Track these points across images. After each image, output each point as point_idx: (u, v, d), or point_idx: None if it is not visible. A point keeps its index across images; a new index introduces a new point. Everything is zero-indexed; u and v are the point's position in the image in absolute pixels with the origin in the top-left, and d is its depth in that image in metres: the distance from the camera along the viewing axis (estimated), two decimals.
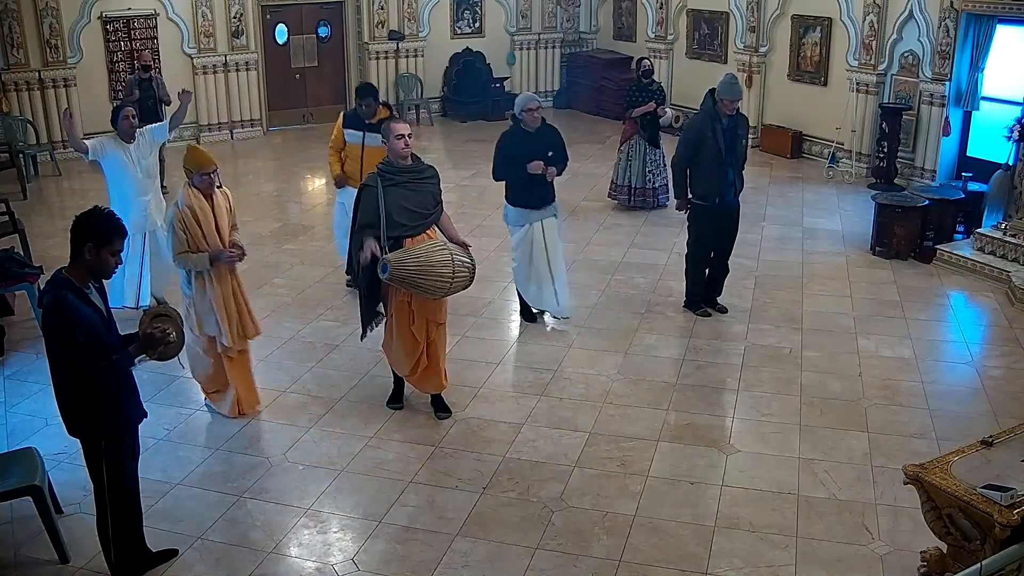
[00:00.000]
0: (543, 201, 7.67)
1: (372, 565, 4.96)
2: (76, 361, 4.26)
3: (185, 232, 5.97)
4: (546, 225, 7.72)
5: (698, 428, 6.30)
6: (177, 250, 6.03)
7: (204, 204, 6.04)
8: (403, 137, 6.00)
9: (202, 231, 6.00)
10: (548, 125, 7.69)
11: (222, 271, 6.15)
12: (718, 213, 7.78)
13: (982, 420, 6.29)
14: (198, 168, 6.04)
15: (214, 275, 6.13)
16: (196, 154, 6.13)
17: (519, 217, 7.70)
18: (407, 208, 6.01)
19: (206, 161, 6.07)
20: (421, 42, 16.19)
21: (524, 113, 7.48)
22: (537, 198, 7.62)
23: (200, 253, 6.00)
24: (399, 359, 6.31)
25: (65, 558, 4.95)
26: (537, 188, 7.56)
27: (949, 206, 9.74)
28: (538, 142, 7.51)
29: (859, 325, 7.90)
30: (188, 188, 6.03)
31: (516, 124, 7.63)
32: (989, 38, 10.79)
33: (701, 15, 15.09)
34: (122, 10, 13.81)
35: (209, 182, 6.05)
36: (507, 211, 7.80)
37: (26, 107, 13.25)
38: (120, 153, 7.65)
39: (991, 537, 4.01)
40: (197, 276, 6.13)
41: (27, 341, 7.55)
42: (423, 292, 5.98)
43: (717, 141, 7.55)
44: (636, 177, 10.87)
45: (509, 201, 7.72)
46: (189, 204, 5.99)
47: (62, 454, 5.77)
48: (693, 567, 4.93)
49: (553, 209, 7.78)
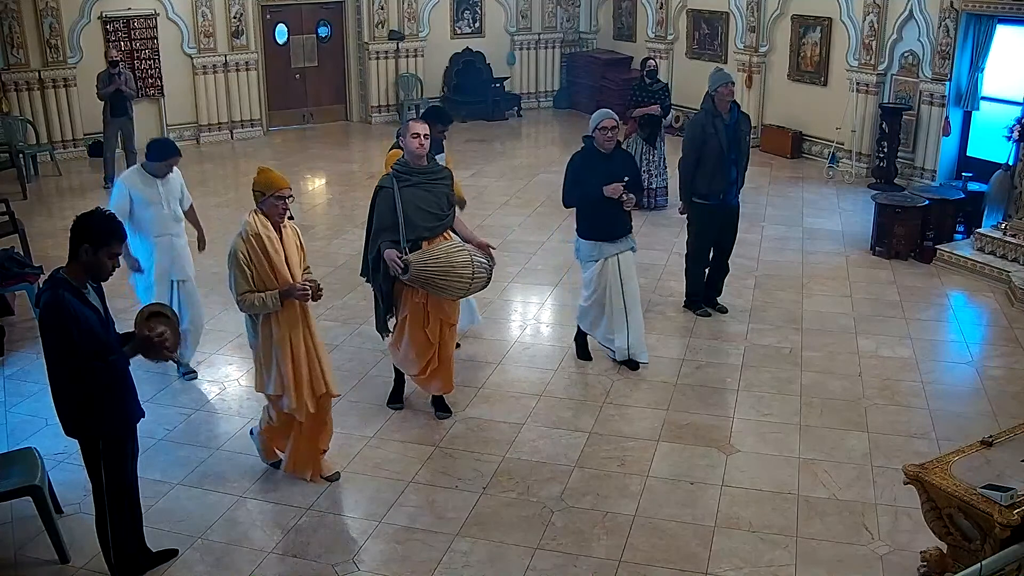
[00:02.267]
0: (618, 232, 6.82)
1: (372, 565, 4.96)
2: (73, 361, 4.25)
3: (250, 267, 5.12)
4: (622, 261, 6.85)
5: (698, 428, 6.30)
6: (241, 289, 5.13)
7: (273, 234, 5.18)
8: (419, 136, 5.95)
9: (270, 265, 5.13)
10: (623, 149, 7.09)
11: (294, 315, 5.28)
12: (719, 212, 7.78)
13: (982, 420, 6.29)
14: (271, 188, 5.16)
15: (283, 319, 5.24)
16: (268, 174, 5.24)
17: (594, 250, 6.83)
18: (423, 209, 5.98)
19: (280, 181, 5.20)
20: (421, 42, 16.19)
21: (598, 132, 6.66)
22: (612, 228, 6.77)
23: (269, 291, 5.13)
24: (409, 360, 6.26)
25: (65, 558, 4.95)
26: (612, 217, 6.72)
27: (949, 206, 9.73)
28: (613, 166, 6.70)
29: (859, 325, 7.90)
30: (254, 215, 5.19)
31: (589, 144, 6.79)
32: (989, 38, 10.79)
33: (701, 15, 15.10)
34: (122, 10, 13.80)
35: (283, 208, 5.20)
36: (578, 245, 6.95)
37: (26, 107, 13.25)
38: (146, 189, 6.64)
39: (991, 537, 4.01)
40: (263, 321, 5.27)
41: (27, 341, 7.55)
42: (442, 293, 5.97)
43: (719, 139, 7.56)
44: None
45: (580, 234, 6.89)
46: (256, 233, 5.12)
47: (62, 454, 5.76)
48: (693, 567, 4.93)
49: (630, 242, 6.91)
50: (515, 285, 8.80)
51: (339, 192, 12.56)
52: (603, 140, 6.67)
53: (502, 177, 12.83)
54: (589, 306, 7.00)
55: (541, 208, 11.23)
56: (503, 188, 12.23)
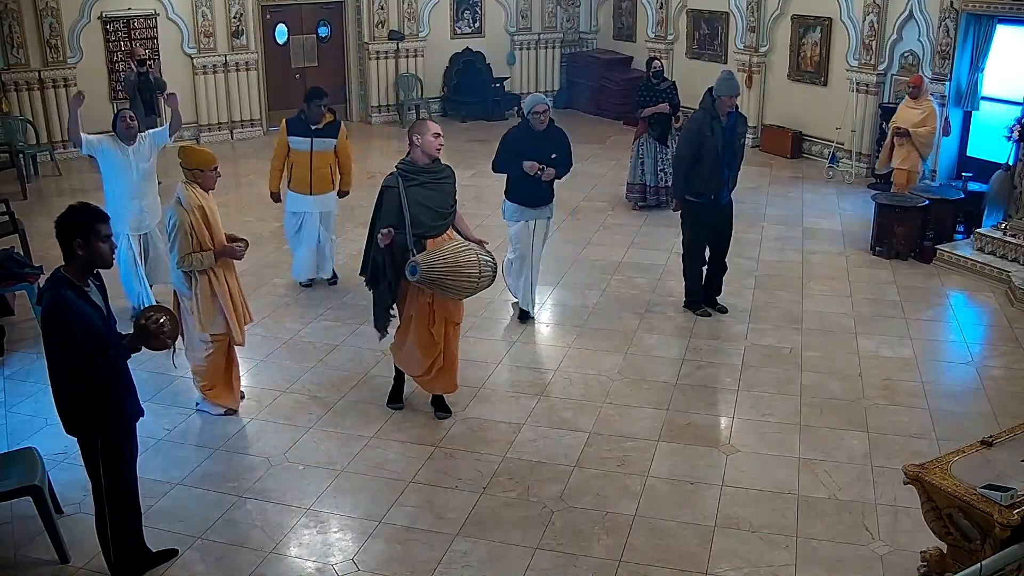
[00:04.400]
0: (540, 201, 7.75)
1: (372, 565, 4.96)
2: (74, 359, 4.25)
3: (192, 233, 5.91)
4: (538, 226, 7.86)
5: (698, 428, 6.30)
6: (184, 251, 5.94)
7: (211, 203, 6.05)
8: (439, 136, 6.04)
9: (210, 231, 5.97)
10: (557, 127, 7.76)
11: (227, 268, 6.17)
12: (712, 211, 7.79)
13: (982, 420, 6.29)
14: (206, 165, 6.04)
15: (220, 273, 6.10)
16: (197, 153, 6.14)
17: (516, 213, 7.80)
18: (428, 208, 6.00)
19: (210, 157, 6.12)
20: (421, 42, 16.19)
21: (531, 116, 7.54)
22: (534, 197, 7.70)
23: (206, 251, 5.96)
24: (414, 360, 6.25)
25: (65, 558, 4.95)
26: (534, 187, 7.63)
27: (949, 206, 9.74)
28: (544, 142, 7.57)
29: (859, 325, 7.90)
30: (191, 188, 5.99)
31: (524, 122, 7.69)
32: (989, 38, 10.79)
33: (701, 15, 15.10)
34: (122, 10, 13.81)
35: (216, 179, 6.11)
36: (505, 206, 7.91)
37: (26, 107, 13.25)
38: (118, 153, 7.59)
39: (991, 537, 4.01)
40: (200, 276, 6.05)
41: (27, 341, 7.55)
42: (450, 293, 5.97)
43: (716, 140, 7.57)
44: (650, 176, 10.92)
45: (507, 196, 7.83)
46: (199, 204, 5.96)
47: (62, 454, 5.76)
48: (693, 567, 4.93)
49: (548, 211, 7.89)
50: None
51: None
52: (536, 123, 7.53)
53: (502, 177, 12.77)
54: (513, 259, 7.95)
55: None
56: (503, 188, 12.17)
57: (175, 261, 6.03)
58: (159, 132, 7.97)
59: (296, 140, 8.30)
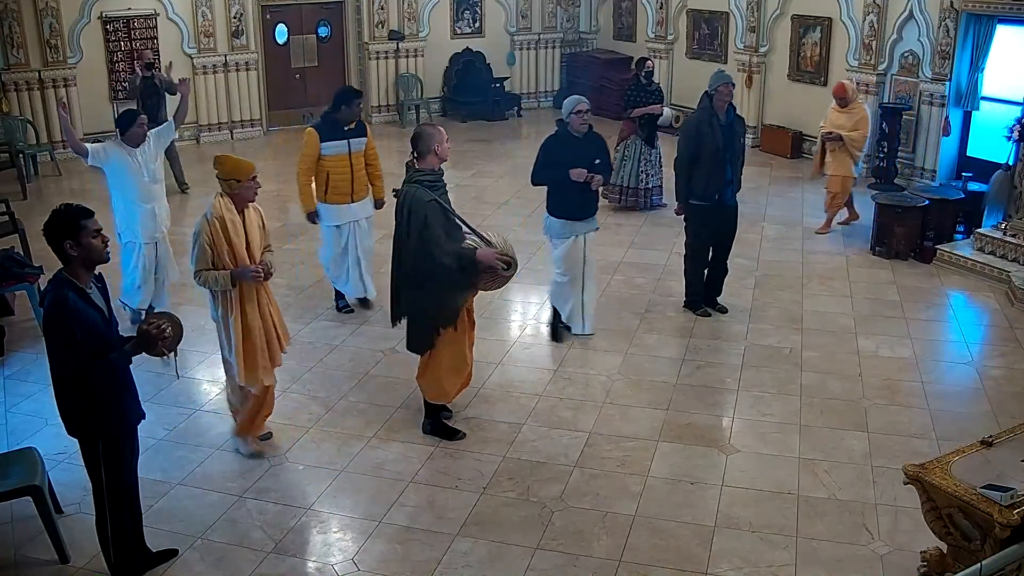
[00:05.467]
0: (588, 212, 7.24)
1: (372, 565, 4.96)
2: (75, 360, 4.25)
3: (212, 247, 5.37)
4: (588, 239, 7.33)
5: (698, 428, 6.30)
6: (199, 265, 5.41)
7: (236, 217, 5.46)
8: (448, 139, 5.93)
9: (230, 247, 5.39)
10: (595, 132, 7.32)
11: (253, 292, 5.55)
12: (716, 212, 7.78)
13: (982, 420, 6.29)
14: (243, 175, 5.44)
15: (239, 296, 5.51)
16: (234, 161, 5.55)
17: (563, 229, 7.23)
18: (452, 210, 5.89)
19: (248, 166, 5.50)
20: (421, 42, 16.19)
21: (572, 116, 7.08)
22: (581, 208, 7.17)
23: (222, 271, 5.39)
24: (450, 383, 6.07)
25: (65, 558, 4.95)
26: (581, 197, 7.12)
27: (949, 206, 9.73)
28: (585, 148, 7.10)
29: (859, 325, 7.90)
30: (220, 198, 5.44)
31: (562, 128, 7.22)
32: (989, 38, 10.79)
33: (701, 15, 15.10)
34: (122, 10, 13.81)
35: (255, 190, 5.51)
36: (549, 223, 7.31)
37: (26, 107, 13.25)
38: (126, 158, 7.26)
39: (991, 537, 4.01)
40: (222, 297, 5.53)
41: (27, 341, 7.55)
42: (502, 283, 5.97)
43: (715, 139, 7.57)
44: (629, 177, 10.87)
45: (551, 211, 7.26)
46: (220, 215, 5.39)
47: (62, 454, 5.76)
48: (693, 567, 4.93)
49: (595, 222, 7.39)
50: (515, 285, 8.74)
51: None
52: (577, 124, 7.06)
53: (502, 177, 12.83)
54: (564, 282, 7.39)
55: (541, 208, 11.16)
56: (503, 188, 12.22)
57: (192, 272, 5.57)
58: (165, 127, 7.67)
59: (331, 146, 7.65)
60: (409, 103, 16.01)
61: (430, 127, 5.96)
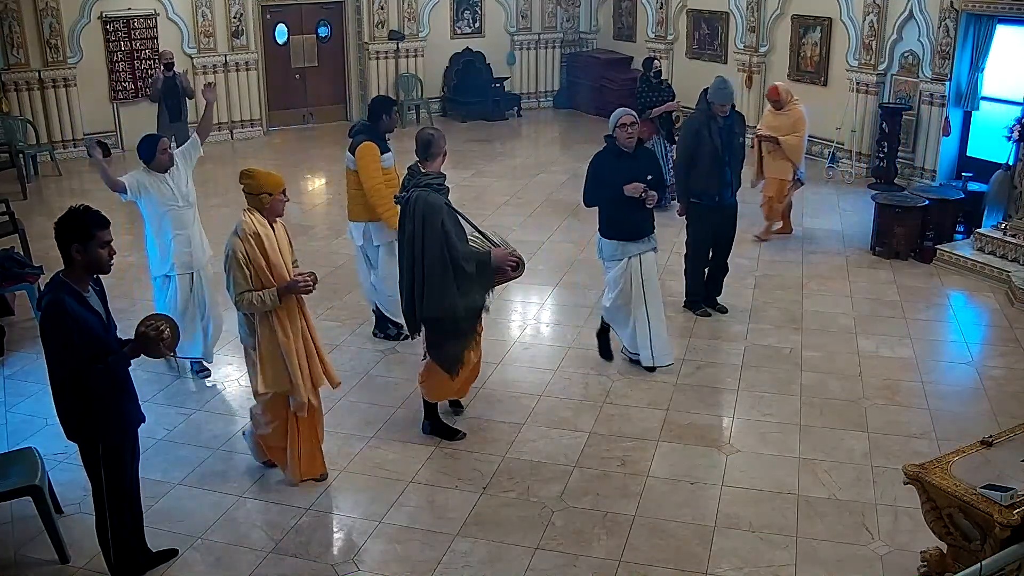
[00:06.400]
0: (642, 231, 6.79)
1: (372, 565, 4.96)
2: (73, 364, 4.22)
3: (248, 266, 5.07)
4: (644, 260, 6.83)
5: (698, 428, 6.30)
6: (240, 288, 5.08)
7: (270, 232, 5.18)
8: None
9: (268, 262, 5.10)
10: (645, 148, 7.09)
11: (292, 310, 5.26)
12: (716, 212, 7.79)
13: (982, 420, 6.29)
14: (275, 188, 5.18)
15: (284, 315, 5.22)
16: (264, 175, 5.25)
17: (617, 251, 6.80)
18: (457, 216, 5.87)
19: (278, 179, 5.25)
20: (421, 42, 16.19)
21: (618, 130, 6.64)
22: (635, 228, 6.75)
23: (267, 290, 5.09)
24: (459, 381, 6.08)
25: (65, 558, 4.95)
26: (636, 216, 6.68)
27: (949, 206, 9.73)
28: (636, 163, 6.68)
29: (859, 325, 7.90)
30: (250, 214, 5.17)
31: (610, 143, 6.74)
32: (989, 38, 10.79)
33: (701, 15, 15.10)
34: (122, 10, 13.81)
35: (284, 204, 5.27)
36: (601, 244, 6.91)
37: (26, 107, 13.26)
38: (159, 186, 6.54)
39: (991, 537, 4.01)
40: (262, 320, 5.20)
41: (27, 341, 7.55)
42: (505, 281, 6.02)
43: (714, 140, 7.58)
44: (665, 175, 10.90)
45: (603, 233, 6.85)
46: (254, 231, 5.09)
47: (62, 454, 5.76)
48: (693, 567, 4.93)
49: (653, 242, 6.88)
50: (515, 285, 8.76)
51: (339, 192, 12.46)
52: (624, 138, 6.63)
53: (502, 177, 12.83)
54: (616, 308, 6.94)
55: (541, 208, 11.24)
56: (503, 188, 12.22)
57: (233, 300, 5.21)
58: (191, 145, 6.87)
59: (385, 158, 7.10)
60: (409, 103, 16.01)
61: (434, 131, 5.93)
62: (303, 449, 5.54)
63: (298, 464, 5.55)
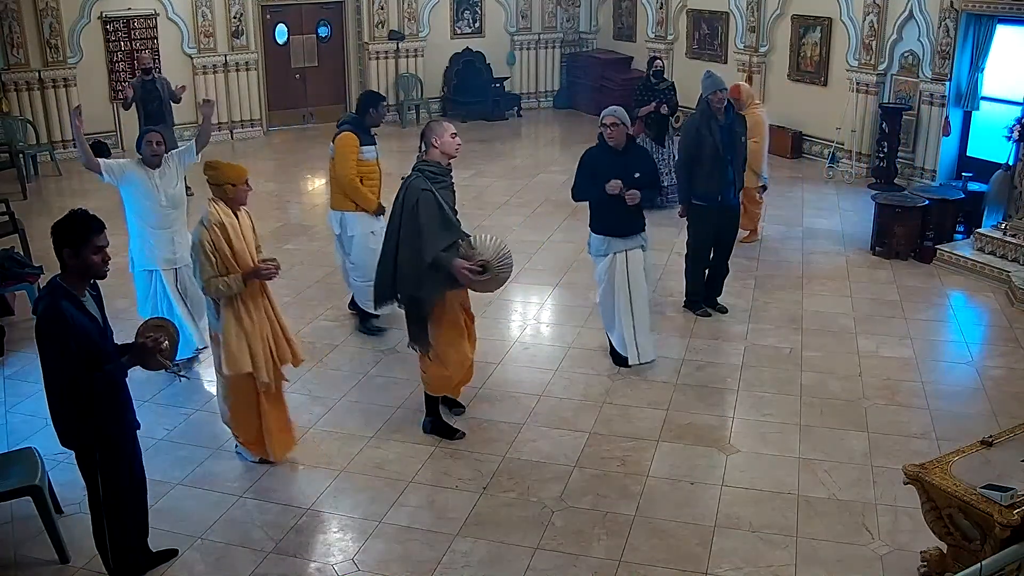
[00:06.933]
0: (629, 229, 6.82)
1: (372, 565, 4.96)
2: (69, 370, 4.18)
3: (215, 254, 5.32)
4: (630, 257, 6.86)
5: (698, 428, 6.30)
6: (206, 274, 5.33)
7: (235, 221, 5.44)
8: (456, 136, 5.96)
9: (232, 250, 5.37)
10: (638, 146, 7.17)
11: (256, 293, 5.52)
12: (718, 212, 7.79)
13: (982, 420, 6.29)
14: (238, 179, 5.45)
15: (248, 298, 5.47)
16: (226, 166, 5.51)
17: (601, 246, 6.90)
18: (454, 209, 5.89)
19: (242, 170, 5.51)
20: (421, 42, 16.19)
21: (602, 128, 6.73)
22: (621, 224, 6.79)
23: (232, 276, 5.35)
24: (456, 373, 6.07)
25: (65, 558, 4.95)
26: (620, 212, 6.71)
27: (949, 206, 9.73)
28: (625, 160, 6.71)
29: (859, 325, 7.90)
30: (215, 204, 5.43)
31: (602, 140, 6.85)
32: (989, 38, 10.79)
33: (701, 15, 15.11)
34: (122, 10, 13.82)
35: (247, 193, 5.52)
36: (590, 239, 7.00)
37: (26, 107, 13.27)
38: (144, 179, 6.71)
39: (991, 537, 4.01)
40: (227, 304, 5.45)
41: (27, 341, 7.53)
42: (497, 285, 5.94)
43: (715, 140, 7.58)
44: None
45: (591, 228, 6.94)
46: (219, 221, 5.36)
47: (62, 454, 5.70)
48: (693, 567, 4.93)
49: (641, 239, 6.91)
50: (515, 285, 8.78)
51: None
52: (607, 136, 6.71)
53: (502, 177, 12.83)
54: (602, 303, 7.06)
55: (541, 208, 11.24)
56: (503, 188, 12.23)
57: (200, 287, 5.51)
58: (186, 151, 7.05)
59: (367, 151, 7.32)
60: (409, 103, 16.02)
61: (434, 121, 6.04)
62: (273, 426, 5.74)
63: (273, 441, 5.77)
